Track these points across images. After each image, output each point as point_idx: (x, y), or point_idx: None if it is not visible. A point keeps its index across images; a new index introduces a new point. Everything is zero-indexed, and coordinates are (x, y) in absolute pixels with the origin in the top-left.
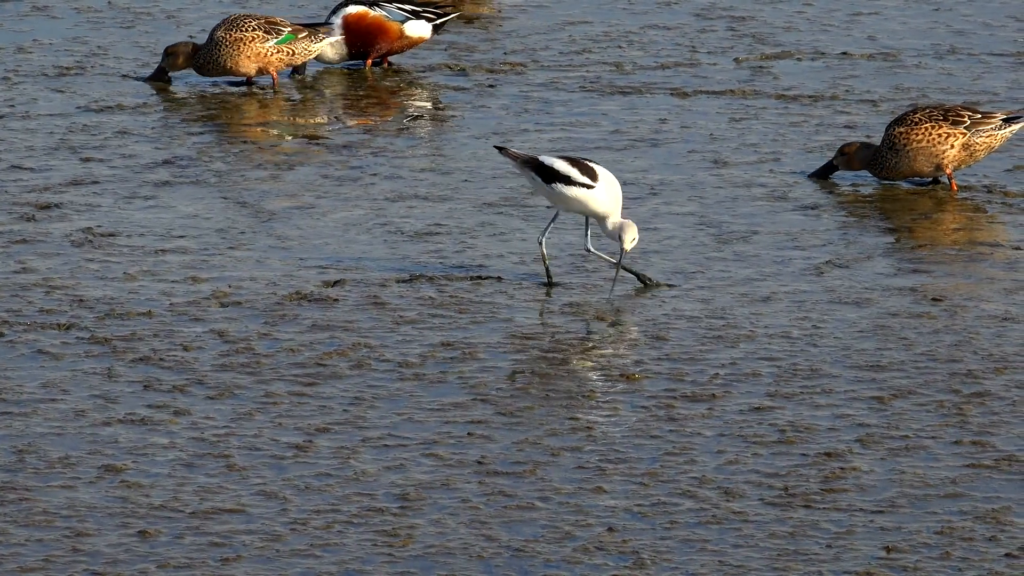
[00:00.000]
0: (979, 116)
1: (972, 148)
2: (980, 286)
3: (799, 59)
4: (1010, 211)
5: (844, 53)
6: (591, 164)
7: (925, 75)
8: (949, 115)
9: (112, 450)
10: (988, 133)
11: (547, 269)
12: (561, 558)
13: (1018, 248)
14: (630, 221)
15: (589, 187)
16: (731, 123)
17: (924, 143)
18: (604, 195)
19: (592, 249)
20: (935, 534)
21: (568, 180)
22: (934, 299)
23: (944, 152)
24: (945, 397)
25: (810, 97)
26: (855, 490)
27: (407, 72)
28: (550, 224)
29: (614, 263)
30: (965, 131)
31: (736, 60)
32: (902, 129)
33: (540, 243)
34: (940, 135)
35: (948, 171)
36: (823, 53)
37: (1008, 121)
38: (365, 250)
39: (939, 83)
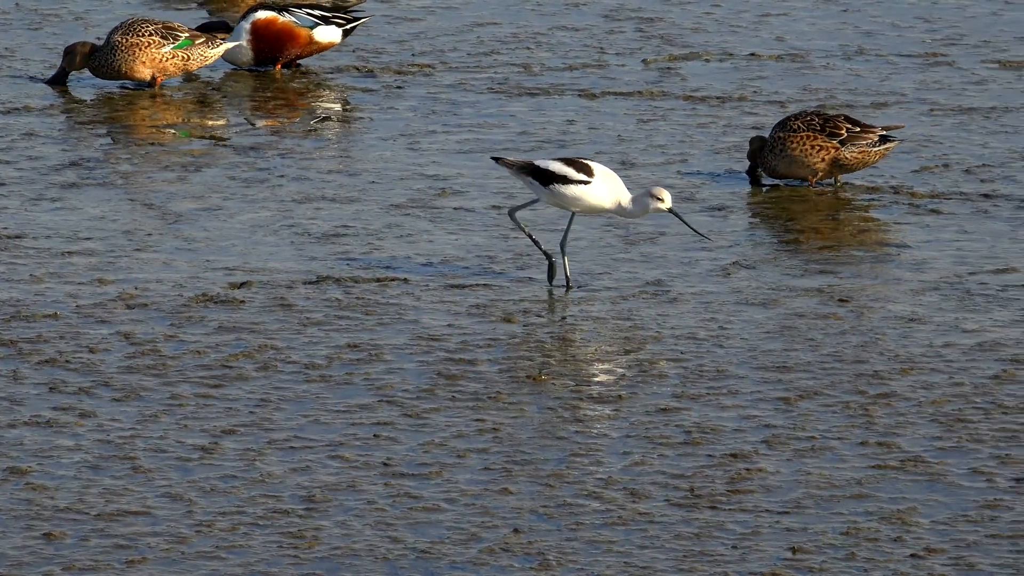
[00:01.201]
0: (858, 130)
1: (843, 162)
2: (886, 287)
3: (707, 60)
4: (916, 212)
5: (752, 54)
6: (586, 161)
7: (833, 76)
8: (827, 126)
9: (17, 452)
10: (861, 149)
11: (566, 273)
12: (467, 560)
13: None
14: (645, 189)
15: (586, 183)
16: (639, 124)
17: (798, 152)
18: (603, 189)
19: (563, 249)
20: (841, 535)
21: (565, 179)
22: (840, 300)
23: (815, 164)
24: (851, 398)
25: (718, 98)
26: (761, 491)
27: (315, 74)
28: (568, 229)
29: (683, 222)
30: (839, 145)
31: (644, 61)
32: (781, 135)
33: (561, 249)
34: (814, 147)
35: (812, 181)
36: (731, 54)
37: (883, 139)
38: (272, 252)
39: (847, 84)
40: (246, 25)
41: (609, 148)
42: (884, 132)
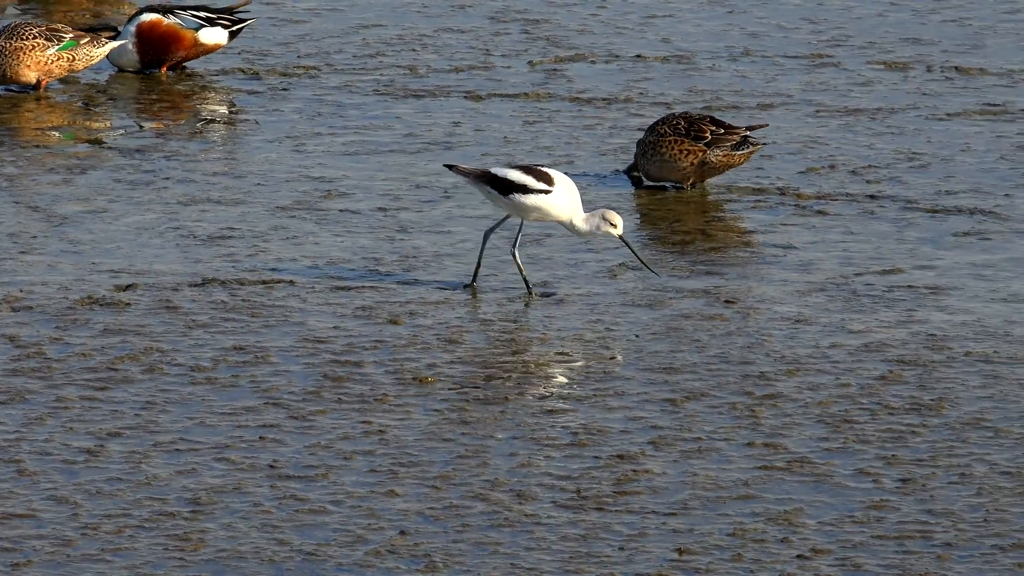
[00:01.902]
0: (722, 131)
1: (711, 164)
2: (773, 288)
3: (593, 62)
4: (803, 213)
5: (638, 56)
6: (545, 169)
7: (719, 77)
8: (692, 129)
9: None
10: (725, 152)
11: (525, 280)
12: (353, 562)
13: (793, 246)
14: (600, 209)
15: (547, 192)
16: (525, 126)
17: (668, 157)
18: (563, 199)
19: (516, 256)
20: (727, 536)
21: (525, 189)
22: (727, 301)
23: (684, 168)
24: (738, 399)
25: (604, 100)
26: (647, 492)
27: (200, 76)
28: (518, 233)
29: (631, 251)
30: (705, 147)
31: (530, 63)
32: (651, 139)
33: (513, 255)
34: (682, 151)
35: (687, 185)
36: (617, 56)
37: (744, 141)
38: (157, 254)
39: (733, 85)
40: (131, 28)
41: (495, 150)
42: (747, 132)
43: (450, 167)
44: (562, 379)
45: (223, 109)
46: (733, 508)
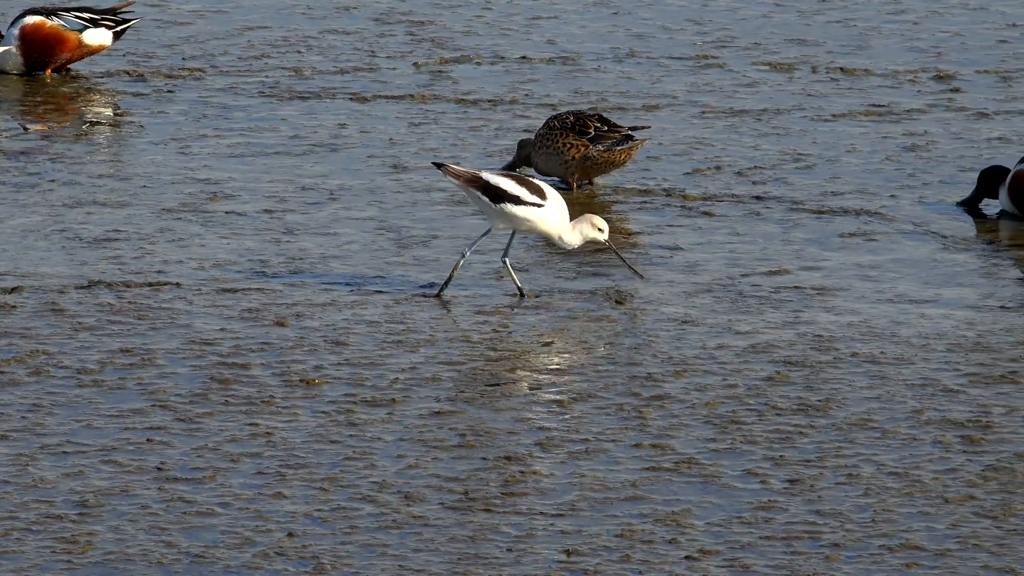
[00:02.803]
0: (605, 129)
1: (593, 160)
2: (659, 289)
3: (478, 63)
4: (689, 215)
5: (523, 57)
6: (537, 182)
7: (604, 79)
8: (578, 124)
9: None
10: (607, 148)
11: (451, 276)
12: (241, 564)
13: (679, 248)
14: (582, 216)
15: (539, 206)
16: (410, 128)
17: (553, 150)
18: (554, 213)
19: (507, 263)
20: (615, 537)
21: (518, 200)
22: (615, 302)
23: (568, 162)
24: (625, 400)
25: (489, 101)
26: (535, 494)
27: (85, 78)
28: (480, 237)
29: (620, 258)
30: (588, 143)
31: (415, 65)
32: (542, 132)
33: (463, 254)
34: (566, 144)
35: (572, 181)
36: (502, 57)
37: (627, 138)
38: (43, 256)
39: (619, 87)
40: (15, 31)
41: (381, 151)
42: (630, 131)
43: (439, 166)
44: (449, 381)
45: (108, 111)
46: (621, 509)
